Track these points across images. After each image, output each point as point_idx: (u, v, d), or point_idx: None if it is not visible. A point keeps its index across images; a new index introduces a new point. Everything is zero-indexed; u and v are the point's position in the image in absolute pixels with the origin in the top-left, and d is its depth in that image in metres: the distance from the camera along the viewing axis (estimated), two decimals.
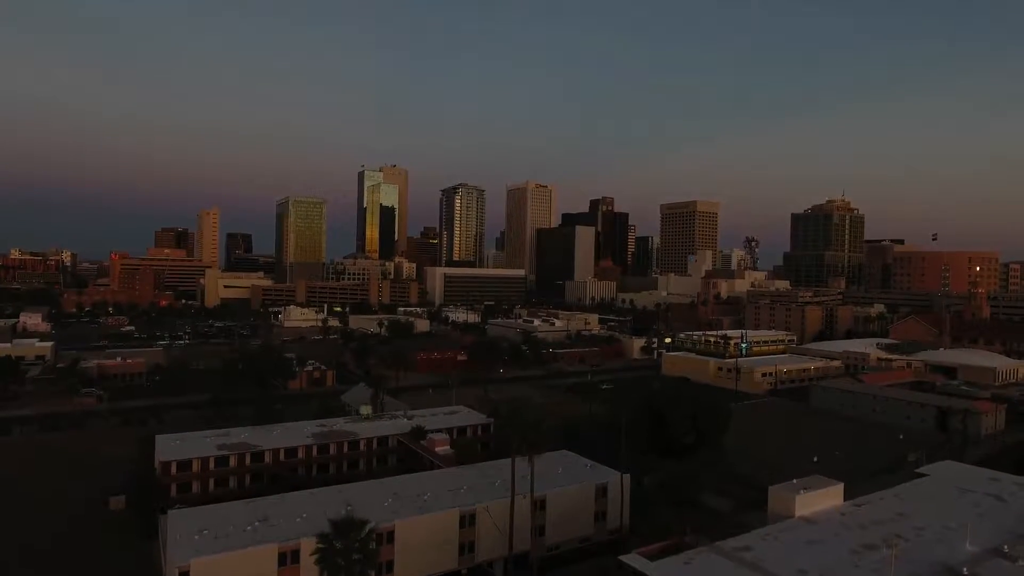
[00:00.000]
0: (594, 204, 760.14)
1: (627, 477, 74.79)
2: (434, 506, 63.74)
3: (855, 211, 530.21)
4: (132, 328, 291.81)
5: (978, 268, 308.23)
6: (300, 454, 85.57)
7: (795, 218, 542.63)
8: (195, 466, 78.77)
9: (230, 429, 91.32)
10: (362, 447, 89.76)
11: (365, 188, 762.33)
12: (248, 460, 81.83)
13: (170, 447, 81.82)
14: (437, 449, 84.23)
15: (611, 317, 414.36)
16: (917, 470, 62.39)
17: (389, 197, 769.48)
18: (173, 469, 77.61)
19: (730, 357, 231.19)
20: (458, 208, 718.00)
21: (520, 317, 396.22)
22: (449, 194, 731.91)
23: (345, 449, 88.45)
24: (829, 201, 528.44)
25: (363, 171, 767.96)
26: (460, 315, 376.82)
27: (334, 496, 65.71)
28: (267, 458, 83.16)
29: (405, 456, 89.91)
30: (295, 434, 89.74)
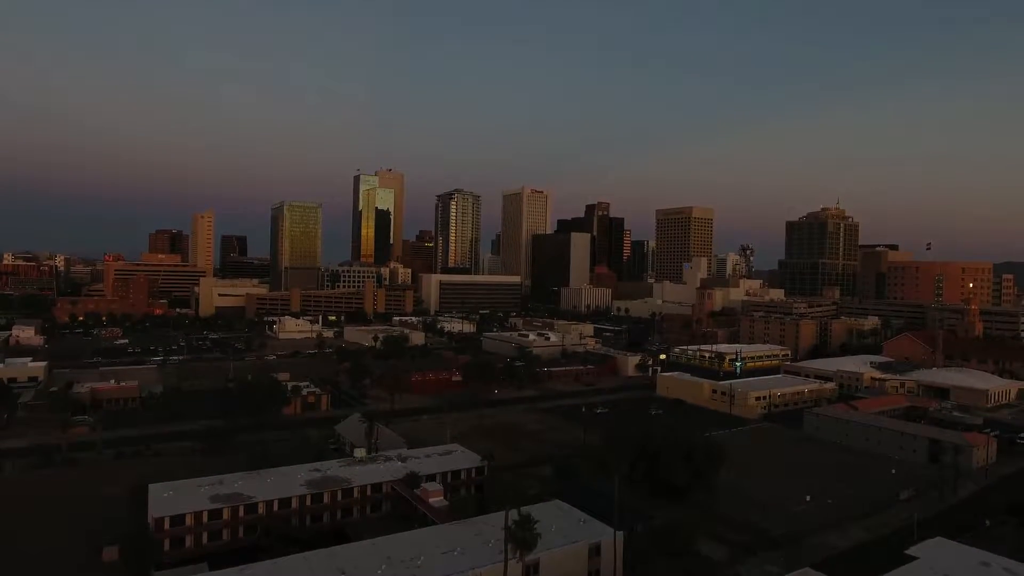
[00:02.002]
0: (590, 209, 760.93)
1: (620, 535, 74.96)
2: (428, 572, 63.79)
3: (849, 219, 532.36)
4: (126, 341, 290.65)
5: (971, 284, 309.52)
6: (294, 504, 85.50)
7: (790, 226, 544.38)
8: (188, 520, 78.64)
9: (223, 476, 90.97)
10: (356, 495, 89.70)
11: (361, 192, 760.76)
12: (242, 512, 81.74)
13: (163, 500, 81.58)
14: (431, 500, 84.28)
15: (606, 327, 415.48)
16: (907, 551, 62.72)
17: (385, 201, 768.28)
18: (166, 524, 77.43)
19: (725, 375, 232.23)
20: (454, 213, 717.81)
21: (515, 328, 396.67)
22: (445, 199, 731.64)
23: (339, 497, 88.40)
24: (824, 209, 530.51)
25: (359, 175, 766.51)
26: (455, 325, 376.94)
27: (326, 563, 65.74)
28: (260, 509, 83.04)
29: (399, 504, 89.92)
30: (289, 482, 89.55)
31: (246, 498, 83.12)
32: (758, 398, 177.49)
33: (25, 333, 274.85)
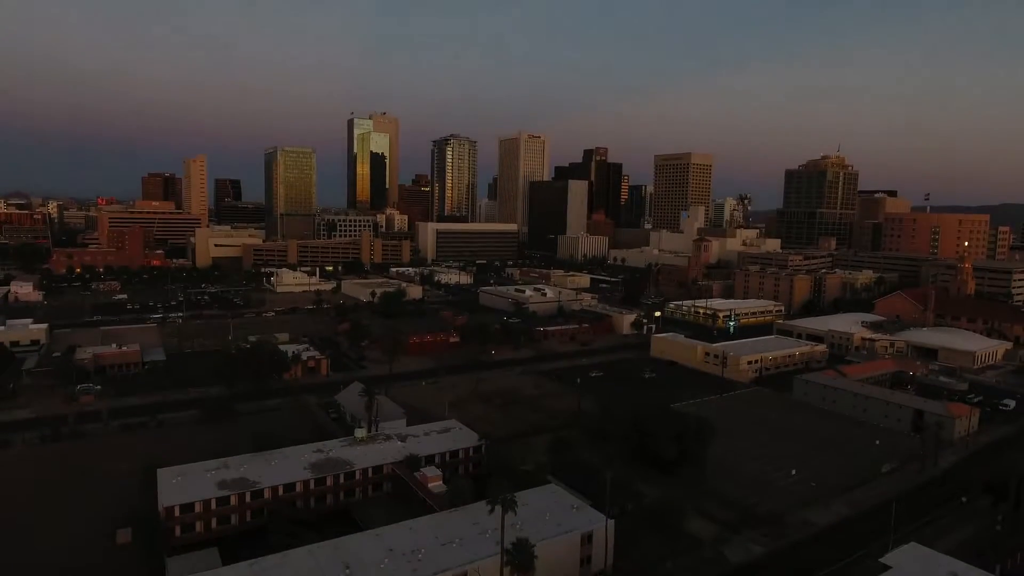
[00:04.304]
0: (588, 154, 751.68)
1: (612, 523, 78.44)
2: (428, 566, 67.19)
3: (849, 167, 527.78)
4: (125, 296, 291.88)
5: (967, 243, 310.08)
6: (298, 488, 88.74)
7: (789, 174, 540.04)
8: (198, 507, 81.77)
9: (228, 459, 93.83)
10: (358, 476, 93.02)
11: (355, 136, 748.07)
12: (248, 497, 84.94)
13: (172, 487, 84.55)
14: (430, 486, 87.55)
15: (603, 277, 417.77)
16: (882, 559, 66.08)
17: (380, 145, 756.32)
18: (177, 512, 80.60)
19: (719, 333, 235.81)
20: (450, 159, 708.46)
21: (512, 279, 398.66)
22: (440, 145, 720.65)
23: (341, 480, 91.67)
24: (824, 157, 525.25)
25: (352, 119, 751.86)
26: (452, 276, 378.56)
27: (331, 555, 69.07)
28: (267, 494, 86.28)
29: (399, 485, 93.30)
30: (292, 465, 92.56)
31: (252, 483, 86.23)
32: (750, 362, 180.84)
33: (24, 290, 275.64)
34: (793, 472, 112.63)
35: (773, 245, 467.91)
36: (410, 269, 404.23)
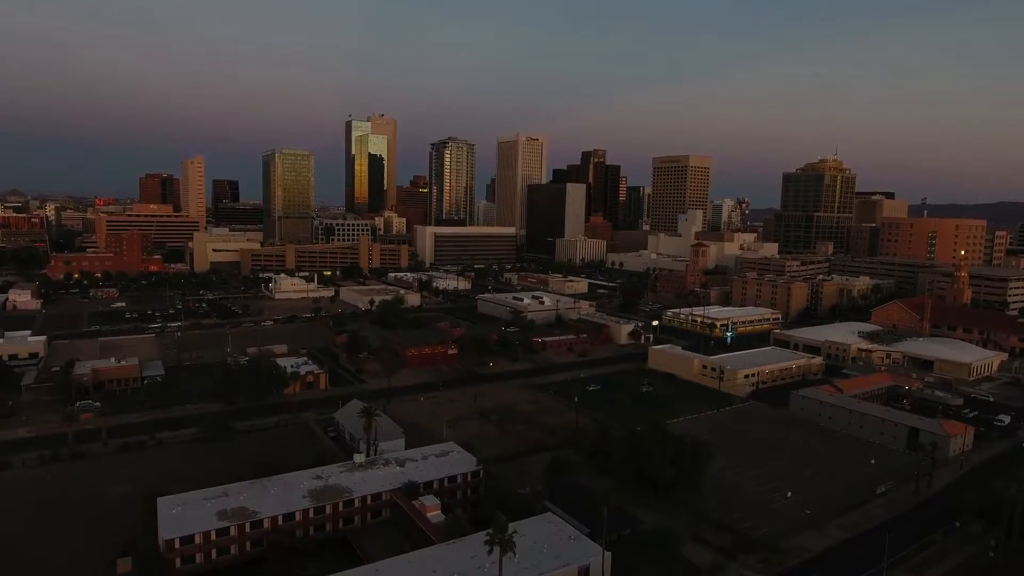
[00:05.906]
0: (586, 156, 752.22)
1: (608, 555, 79.10)
2: None
3: (847, 171, 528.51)
4: (123, 304, 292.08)
5: (963, 252, 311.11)
6: (297, 517, 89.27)
7: (786, 177, 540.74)
8: (198, 539, 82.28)
9: (228, 487, 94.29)
10: (356, 504, 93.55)
11: (353, 138, 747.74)
12: (248, 528, 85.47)
13: (172, 518, 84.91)
14: (428, 515, 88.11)
15: (601, 282, 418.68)
16: None
17: (378, 147, 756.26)
18: (177, 544, 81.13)
19: (716, 342, 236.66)
20: (448, 162, 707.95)
21: (510, 284, 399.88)
22: (439, 148, 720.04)
23: (340, 508, 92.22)
24: (821, 160, 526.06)
25: (351, 120, 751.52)
26: (450, 282, 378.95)
27: None
28: (266, 524, 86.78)
29: (398, 511, 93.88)
30: (291, 492, 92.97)
31: (252, 513, 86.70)
32: (746, 376, 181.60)
33: (22, 297, 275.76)
34: (789, 494, 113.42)
35: (771, 250, 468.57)
36: (408, 274, 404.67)
